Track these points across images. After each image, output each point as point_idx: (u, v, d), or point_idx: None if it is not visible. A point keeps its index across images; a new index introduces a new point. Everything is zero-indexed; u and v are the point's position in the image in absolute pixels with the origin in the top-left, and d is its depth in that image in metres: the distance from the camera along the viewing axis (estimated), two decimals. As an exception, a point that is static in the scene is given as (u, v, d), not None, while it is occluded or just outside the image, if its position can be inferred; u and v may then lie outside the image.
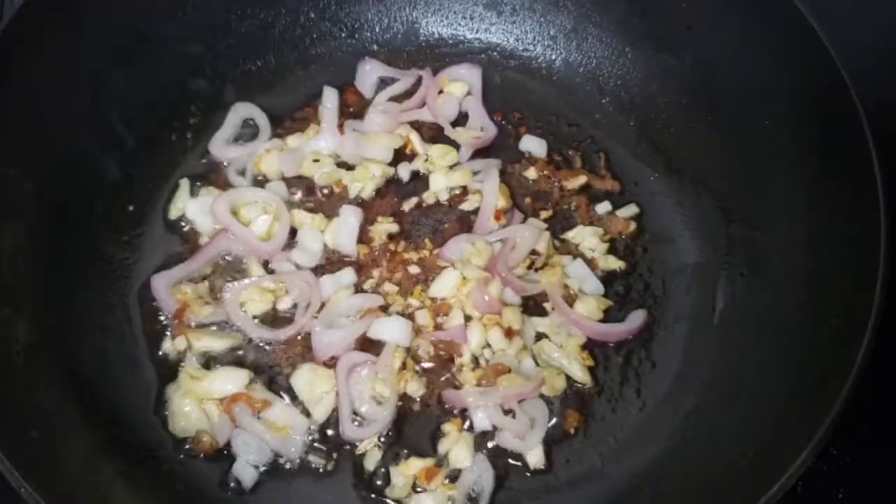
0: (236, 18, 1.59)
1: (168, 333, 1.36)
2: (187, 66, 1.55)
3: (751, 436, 1.15)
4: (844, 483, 1.30)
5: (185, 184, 1.50)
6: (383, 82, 1.66)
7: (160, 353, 1.35)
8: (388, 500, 1.24)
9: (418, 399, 1.32)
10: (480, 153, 1.57)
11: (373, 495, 1.25)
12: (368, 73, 1.65)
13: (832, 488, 1.30)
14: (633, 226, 1.51)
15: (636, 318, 1.40)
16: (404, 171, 1.53)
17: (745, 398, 1.24)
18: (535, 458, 1.27)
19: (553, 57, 1.69)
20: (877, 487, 1.32)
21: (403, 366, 1.32)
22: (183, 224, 1.47)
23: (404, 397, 1.32)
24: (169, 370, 1.33)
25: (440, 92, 1.62)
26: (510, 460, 1.28)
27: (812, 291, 1.24)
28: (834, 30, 1.25)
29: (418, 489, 1.25)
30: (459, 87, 1.63)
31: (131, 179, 1.47)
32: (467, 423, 1.30)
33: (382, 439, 1.28)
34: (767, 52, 1.37)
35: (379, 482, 1.25)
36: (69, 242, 1.35)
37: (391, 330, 1.35)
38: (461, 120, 1.61)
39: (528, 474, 1.27)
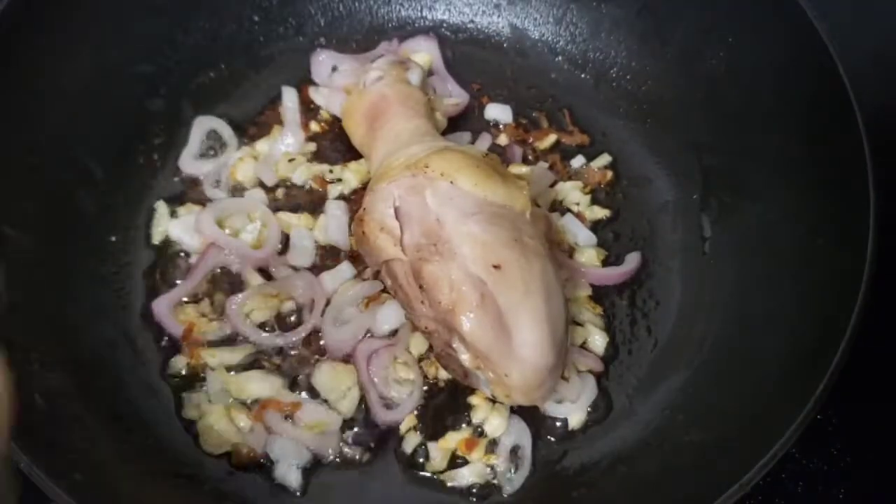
0: (181, 33, 1.56)
1: (177, 355, 1.33)
2: (142, 88, 1.52)
3: (770, 352, 1.19)
4: (845, 483, 1.33)
5: (161, 206, 1.47)
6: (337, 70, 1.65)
7: (172, 375, 1.33)
8: (434, 477, 1.25)
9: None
10: (450, 127, 1.58)
11: (419, 473, 1.26)
12: (323, 64, 1.64)
13: (832, 488, 1.33)
14: (609, 174, 1.56)
15: (632, 260, 1.45)
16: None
17: (753, 316, 1.29)
18: (577, 420, 1.31)
19: (500, 25, 1.72)
20: (877, 488, 1.34)
21: (430, 348, 1.33)
22: (168, 246, 1.44)
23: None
24: (184, 392, 1.31)
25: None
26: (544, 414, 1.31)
27: (795, 204, 1.30)
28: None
29: (458, 461, 1.27)
30: (423, 57, 1.64)
31: (108, 210, 1.43)
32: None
33: (417, 421, 1.29)
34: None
35: (420, 460, 1.27)
36: (60, 286, 1.31)
37: (397, 315, 1.36)
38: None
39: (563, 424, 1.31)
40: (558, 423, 1.31)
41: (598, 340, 1.37)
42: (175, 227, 1.45)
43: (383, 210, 1.23)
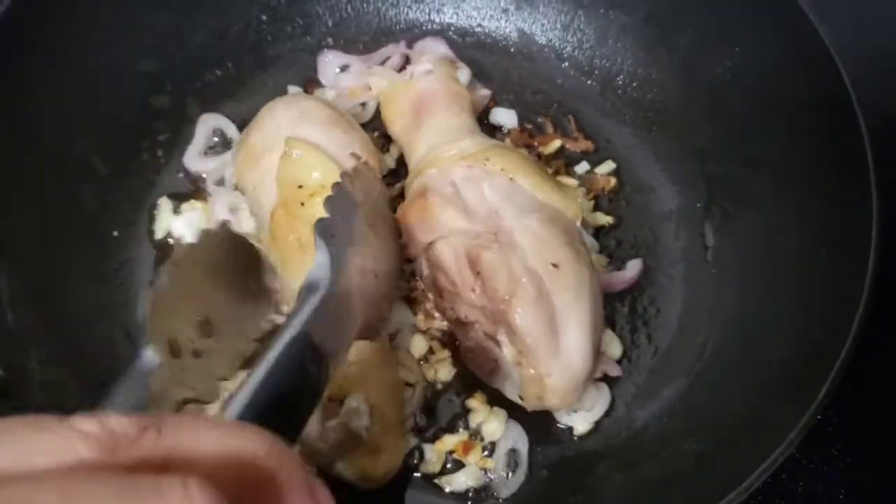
0: (188, 31, 1.56)
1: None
2: (147, 85, 1.51)
3: (771, 360, 1.19)
4: (845, 483, 1.32)
5: (164, 202, 1.47)
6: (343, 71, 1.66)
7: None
8: (430, 480, 1.25)
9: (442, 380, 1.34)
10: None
11: (415, 475, 1.26)
12: (329, 65, 1.65)
13: (832, 489, 1.32)
14: (613, 181, 1.55)
15: (634, 267, 1.44)
16: (389, 159, 1.53)
17: (755, 324, 1.28)
18: (583, 428, 1.30)
19: (508, 29, 1.71)
20: (877, 488, 1.34)
21: (431, 350, 1.33)
22: (170, 242, 1.45)
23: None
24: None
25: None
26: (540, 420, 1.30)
27: (798, 212, 1.29)
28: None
29: (449, 465, 1.27)
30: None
31: (110, 206, 1.43)
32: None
33: (414, 423, 1.29)
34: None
35: (416, 462, 1.27)
36: (61, 282, 1.32)
37: (397, 315, 1.36)
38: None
39: (561, 430, 1.31)
40: (556, 429, 1.30)
41: (614, 346, 1.37)
42: (178, 223, 1.45)
43: (442, 188, 1.24)
